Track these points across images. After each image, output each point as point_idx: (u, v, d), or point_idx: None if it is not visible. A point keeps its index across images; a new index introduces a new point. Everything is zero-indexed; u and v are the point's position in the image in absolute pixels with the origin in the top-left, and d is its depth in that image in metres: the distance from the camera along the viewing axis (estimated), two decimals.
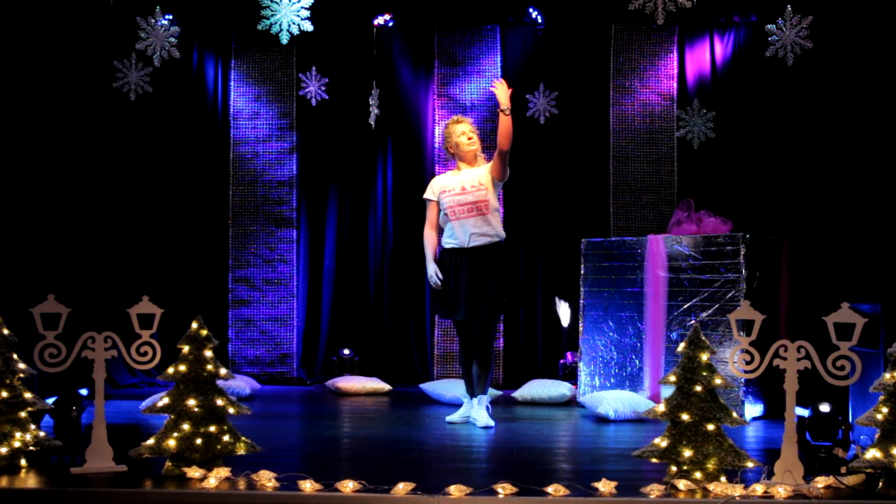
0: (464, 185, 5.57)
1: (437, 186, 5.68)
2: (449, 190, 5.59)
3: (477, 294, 5.47)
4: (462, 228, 5.52)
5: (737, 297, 5.77)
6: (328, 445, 5.06)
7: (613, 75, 7.64)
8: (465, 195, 5.54)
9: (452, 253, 5.57)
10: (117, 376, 7.26)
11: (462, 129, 5.64)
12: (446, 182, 5.66)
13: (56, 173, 6.69)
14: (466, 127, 5.66)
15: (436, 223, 5.70)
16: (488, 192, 5.53)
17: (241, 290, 7.80)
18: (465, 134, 5.62)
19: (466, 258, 5.51)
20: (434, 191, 5.68)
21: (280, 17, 6.60)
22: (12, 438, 4.02)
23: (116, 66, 7.04)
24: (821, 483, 3.77)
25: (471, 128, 5.67)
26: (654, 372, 6.17)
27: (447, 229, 5.62)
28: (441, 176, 5.81)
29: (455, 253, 5.55)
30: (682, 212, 6.51)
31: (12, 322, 4.21)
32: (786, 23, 6.50)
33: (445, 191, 5.60)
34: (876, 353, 4.82)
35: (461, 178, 5.61)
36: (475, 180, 5.58)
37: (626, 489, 3.73)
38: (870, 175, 6.66)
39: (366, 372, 7.54)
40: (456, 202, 5.54)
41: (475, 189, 5.55)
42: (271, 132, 7.84)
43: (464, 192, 5.55)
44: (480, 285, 5.47)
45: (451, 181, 5.65)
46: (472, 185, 5.56)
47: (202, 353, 4.05)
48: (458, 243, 5.54)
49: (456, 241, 5.55)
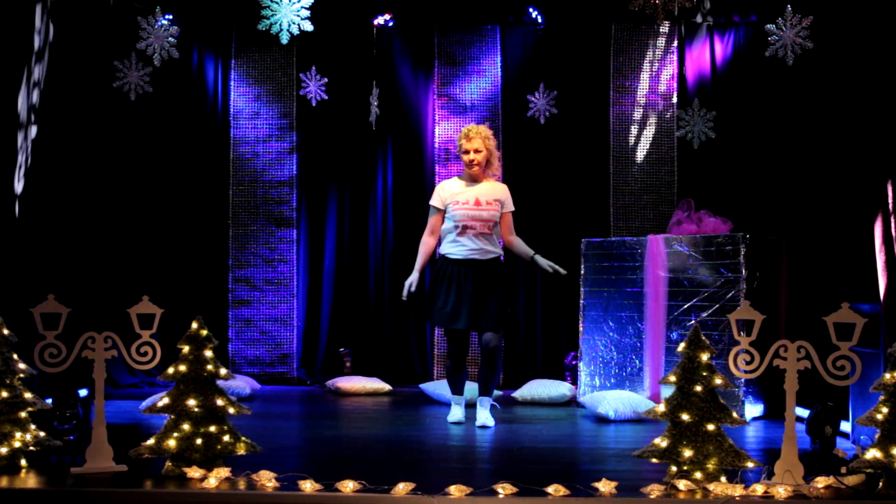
0: (478, 198, 5.54)
1: (447, 195, 5.60)
2: (462, 201, 5.53)
3: (482, 305, 5.49)
4: (473, 242, 5.51)
5: (737, 297, 5.77)
6: (328, 445, 5.06)
7: (613, 75, 7.64)
8: (480, 210, 5.51)
9: (457, 264, 5.53)
10: (117, 376, 7.25)
11: (467, 146, 5.55)
12: (457, 191, 5.59)
13: (56, 173, 6.68)
14: (472, 144, 5.54)
15: (437, 231, 5.66)
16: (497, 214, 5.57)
17: (241, 290, 7.80)
18: (468, 154, 5.55)
19: (472, 270, 5.51)
20: (442, 198, 5.61)
21: (280, 17, 6.61)
22: (12, 438, 4.02)
23: (116, 66, 7.05)
24: (821, 483, 3.77)
25: (478, 144, 5.53)
26: (654, 372, 6.17)
27: (452, 239, 5.56)
28: (450, 183, 5.72)
29: (460, 264, 5.52)
30: (682, 212, 6.52)
31: (12, 322, 4.21)
32: (786, 23, 6.50)
33: (458, 201, 5.54)
34: (876, 353, 4.82)
35: (475, 192, 5.56)
36: (490, 197, 5.57)
37: (626, 489, 3.73)
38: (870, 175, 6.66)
39: (366, 372, 7.54)
40: (470, 216, 5.51)
41: (490, 207, 5.54)
42: (271, 132, 7.83)
43: (478, 207, 5.52)
44: (486, 297, 5.50)
45: (462, 191, 5.58)
46: (486, 202, 5.54)
47: (202, 353, 4.05)
48: (465, 255, 5.51)
49: (463, 254, 5.52)
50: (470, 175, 5.62)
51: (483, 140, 5.55)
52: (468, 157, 5.55)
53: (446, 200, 5.59)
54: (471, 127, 5.65)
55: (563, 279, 7.48)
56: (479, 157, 5.54)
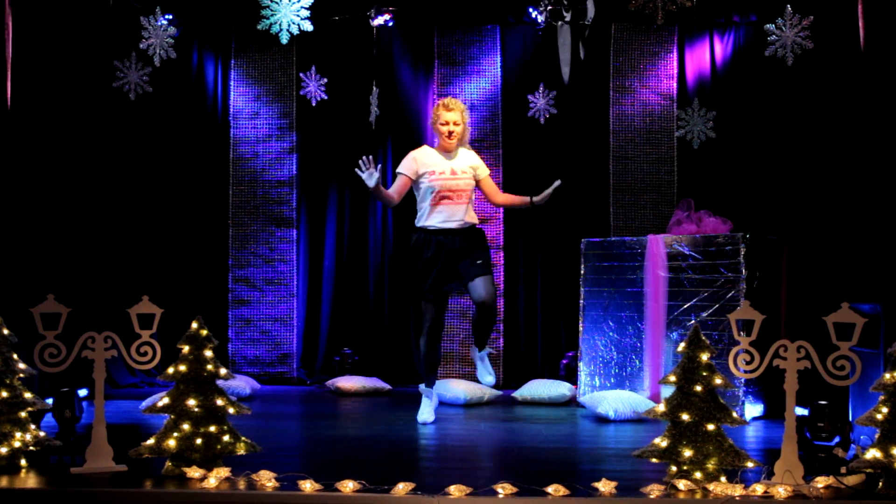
0: (453, 168, 5.52)
1: (421, 163, 5.52)
2: (437, 172, 5.48)
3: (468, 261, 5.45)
4: (450, 211, 5.46)
5: (737, 297, 5.77)
6: (328, 445, 5.06)
7: (613, 75, 7.64)
8: (457, 180, 5.48)
9: (436, 233, 5.47)
10: (117, 376, 7.26)
11: (447, 117, 5.49)
12: (431, 162, 5.52)
13: (56, 173, 6.68)
14: (452, 116, 5.48)
15: (401, 196, 5.58)
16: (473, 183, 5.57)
17: (241, 289, 7.80)
18: (447, 125, 5.48)
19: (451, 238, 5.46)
20: (415, 169, 5.52)
21: (280, 16, 6.61)
22: (12, 438, 4.02)
23: (116, 66, 7.04)
24: (821, 483, 3.77)
25: (457, 117, 5.49)
26: (654, 372, 6.17)
27: (427, 210, 5.50)
28: (421, 152, 5.63)
29: (439, 233, 5.47)
30: (682, 212, 6.52)
31: (12, 322, 4.21)
32: (786, 23, 6.50)
33: (433, 171, 5.48)
34: (876, 353, 4.82)
35: (451, 163, 5.53)
36: (465, 165, 5.55)
37: (626, 489, 3.73)
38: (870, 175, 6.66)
39: (366, 372, 7.54)
40: (447, 187, 5.46)
41: (465, 176, 5.52)
42: (271, 132, 7.83)
43: (455, 177, 5.48)
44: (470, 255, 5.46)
45: (436, 162, 5.53)
46: (462, 171, 5.52)
47: (202, 353, 4.05)
48: (441, 224, 5.46)
49: (439, 223, 5.47)
50: (444, 146, 5.56)
51: (461, 113, 5.52)
52: (447, 128, 5.48)
53: (419, 171, 5.52)
54: (448, 98, 5.62)
55: (563, 279, 7.51)
56: (457, 129, 5.50)
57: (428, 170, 5.50)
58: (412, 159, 5.58)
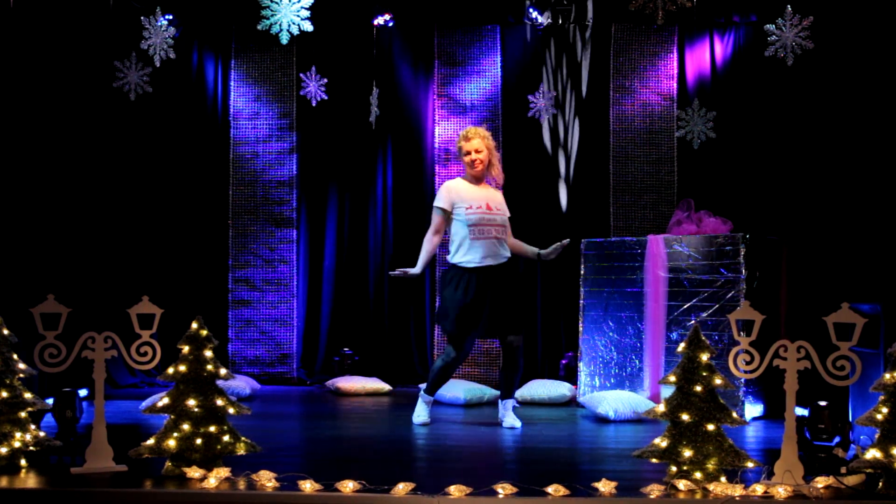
0: (489, 203, 5.48)
1: (456, 196, 5.49)
2: (475, 206, 5.44)
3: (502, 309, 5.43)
4: (488, 247, 5.41)
5: (737, 297, 5.77)
6: (328, 445, 5.06)
7: (613, 75, 7.64)
8: (494, 215, 5.46)
9: (472, 272, 5.39)
10: (117, 376, 7.26)
11: (468, 147, 5.51)
12: (466, 195, 5.49)
13: (56, 173, 6.69)
14: (473, 144, 5.50)
15: (442, 231, 5.55)
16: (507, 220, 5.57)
17: (241, 290, 7.80)
18: (470, 154, 5.50)
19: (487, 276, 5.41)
20: (448, 201, 5.49)
21: (280, 17, 6.62)
22: (12, 438, 4.02)
23: (116, 66, 7.05)
24: (821, 483, 3.77)
25: (479, 144, 5.50)
26: (654, 372, 6.17)
27: (466, 245, 5.43)
28: (455, 184, 5.59)
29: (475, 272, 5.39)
30: (682, 212, 6.52)
31: (12, 322, 4.21)
32: (786, 23, 6.51)
33: (470, 205, 5.43)
34: (876, 353, 4.82)
35: (485, 196, 5.51)
36: (499, 202, 5.56)
37: (626, 489, 3.73)
38: (870, 175, 6.67)
39: (366, 372, 7.54)
40: (486, 221, 5.42)
41: (500, 213, 5.51)
42: (271, 132, 7.84)
43: (491, 212, 5.46)
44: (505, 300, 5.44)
45: (472, 195, 5.49)
46: (497, 208, 5.50)
47: (202, 353, 4.05)
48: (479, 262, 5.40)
49: (477, 261, 5.40)
50: (473, 176, 5.55)
51: (482, 140, 5.51)
52: (469, 157, 5.50)
53: (455, 202, 5.49)
54: (468, 128, 5.61)
55: (563, 279, 7.51)
56: (480, 156, 5.49)
57: (465, 204, 5.46)
58: (447, 190, 5.55)
